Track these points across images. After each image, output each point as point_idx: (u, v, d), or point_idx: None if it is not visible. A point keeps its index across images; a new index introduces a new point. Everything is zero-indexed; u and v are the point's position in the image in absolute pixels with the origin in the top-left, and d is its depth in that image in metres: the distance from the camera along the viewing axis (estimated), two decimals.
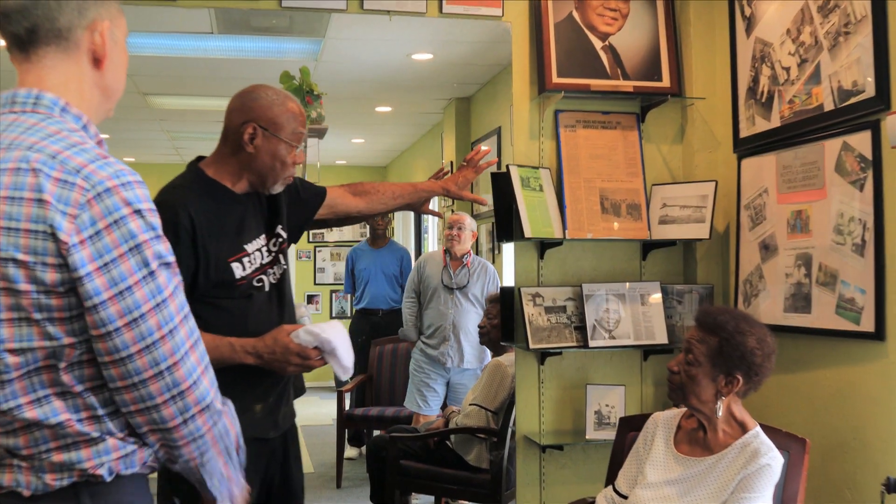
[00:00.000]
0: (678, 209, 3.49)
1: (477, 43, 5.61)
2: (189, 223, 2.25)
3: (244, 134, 2.36)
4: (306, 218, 2.71)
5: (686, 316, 3.50)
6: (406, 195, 2.89)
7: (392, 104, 7.46)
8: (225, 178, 2.41)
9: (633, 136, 3.55)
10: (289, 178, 2.45)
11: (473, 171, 2.98)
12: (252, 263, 2.40)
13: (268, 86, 2.43)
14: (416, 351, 5.58)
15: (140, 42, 5.54)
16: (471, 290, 5.47)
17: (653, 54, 3.53)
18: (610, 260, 3.56)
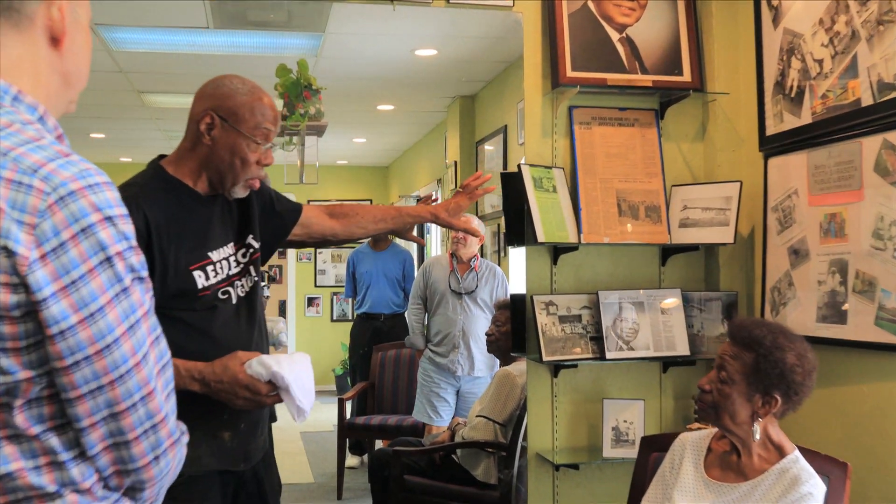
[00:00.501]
0: (700, 211, 3.28)
1: (483, 38, 5.40)
2: (143, 224, 2.02)
3: (201, 123, 2.14)
4: (280, 233, 2.49)
5: (709, 325, 3.29)
6: (389, 220, 2.66)
7: (394, 102, 7.25)
8: (186, 176, 2.18)
9: (651, 134, 3.34)
10: (253, 182, 2.22)
11: (467, 198, 2.73)
12: (217, 273, 2.18)
13: (238, 76, 2.21)
14: (423, 359, 5.37)
15: (134, 38, 5.35)
16: (479, 295, 5.26)
17: (673, 47, 3.32)
18: (627, 265, 3.35)
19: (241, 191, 2.23)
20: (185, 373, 2.03)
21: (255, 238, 2.35)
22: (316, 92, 3.52)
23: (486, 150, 6.63)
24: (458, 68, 6.11)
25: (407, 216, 2.70)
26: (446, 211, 2.68)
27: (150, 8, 4.75)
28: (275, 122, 2.21)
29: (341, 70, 6.03)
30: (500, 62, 5.95)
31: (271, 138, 2.21)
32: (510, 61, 5.89)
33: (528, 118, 3.26)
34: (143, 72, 6.17)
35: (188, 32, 5.21)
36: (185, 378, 2.02)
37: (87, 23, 1.32)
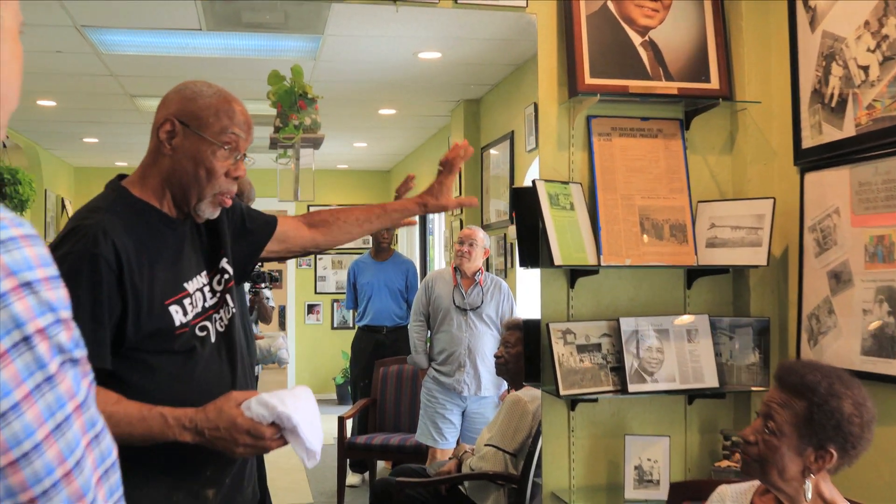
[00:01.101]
0: (729, 230, 3.02)
1: (489, 40, 5.14)
2: (113, 255, 1.76)
3: (161, 131, 1.89)
4: (253, 252, 2.22)
5: (738, 353, 3.03)
6: (374, 219, 2.37)
7: (396, 106, 6.99)
8: (151, 197, 1.92)
9: (676, 146, 3.08)
10: (223, 199, 1.94)
11: (450, 175, 2.45)
12: (194, 306, 1.92)
13: (204, 81, 1.95)
14: (427, 379, 5.10)
15: (123, 40, 5.10)
16: (485, 311, 4.99)
17: (699, 51, 3.06)
18: (650, 289, 3.09)
19: (210, 209, 1.94)
20: (174, 422, 1.77)
21: (229, 261, 2.09)
22: (312, 101, 3.24)
23: (491, 156, 6.37)
24: (462, 72, 5.86)
25: (394, 212, 2.42)
26: (432, 195, 2.42)
27: (139, 9, 4.50)
28: (246, 129, 1.93)
29: (341, 73, 5.77)
30: (506, 65, 5.69)
31: (242, 147, 1.93)
32: (517, 64, 5.64)
33: (543, 129, 2.99)
34: (134, 76, 5.91)
35: (180, 34, 4.95)
36: (174, 428, 1.76)
37: (16, 29, 1.05)
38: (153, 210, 1.92)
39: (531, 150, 5.46)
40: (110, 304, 1.76)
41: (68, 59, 5.43)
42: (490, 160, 6.43)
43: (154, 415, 1.74)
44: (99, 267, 1.74)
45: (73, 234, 1.79)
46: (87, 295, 1.74)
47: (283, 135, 3.09)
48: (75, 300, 1.74)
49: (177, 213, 1.96)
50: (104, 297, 1.75)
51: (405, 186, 2.59)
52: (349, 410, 5.81)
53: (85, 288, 1.73)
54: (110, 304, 1.76)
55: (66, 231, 1.82)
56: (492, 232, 6.13)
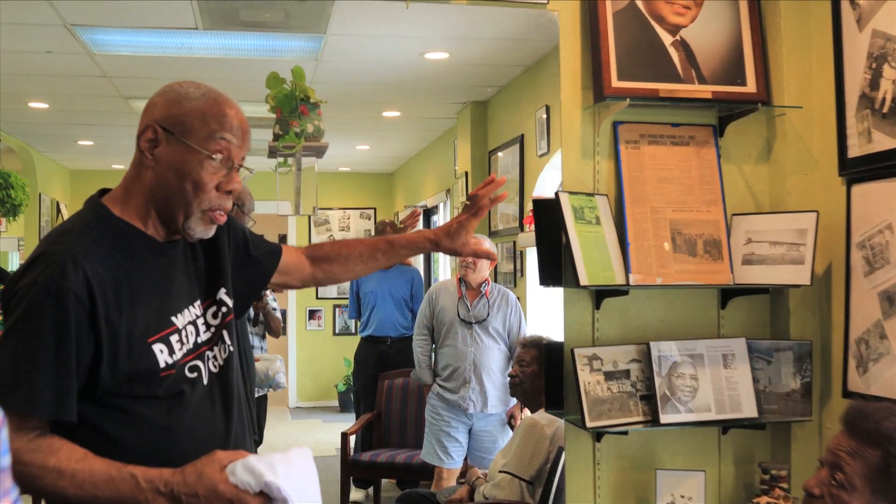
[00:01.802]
0: (768, 246, 2.78)
1: (499, 40, 4.91)
2: (84, 288, 1.53)
3: (142, 140, 1.66)
4: (257, 283, 2.00)
5: (777, 380, 2.80)
6: (380, 256, 2.13)
7: (401, 108, 6.76)
8: (134, 216, 1.69)
9: (709, 154, 2.84)
10: (215, 215, 1.69)
11: (475, 218, 2.10)
12: (183, 343, 1.69)
13: (193, 81, 1.71)
14: (431, 395, 4.85)
15: (116, 39, 4.86)
16: (491, 324, 4.75)
17: (734, 52, 2.82)
18: (681, 309, 2.85)
19: (201, 227, 1.70)
20: (147, 484, 1.53)
21: (229, 292, 1.84)
22: (314, 106, 2.99)
23: (499, 160, 6.14)
24: (470, 72, 5.63)
25: (401, 249, 2.15)
26: (447, 235, 2.11)
27: (131, 8, 4.27)
28: (240, 135, 1.69)
29: (343, 74, 5.54)
30: (516, 66, 5.47)
31: (236, 155, 1.68)
32: (527, 65, 5.41)
33: (566, 136, 2.76)
34: (128, 77, 5.68)
35: (175, 34, 4.72)
36: (146, 492, 1.52)
37: None
38: (136, 232, 1.68)
39: (542, 154, 5.23)
40: (80, 344, 1.52)
41: (59, 60, 5.20)
42: (498, 164, 6.19)
43: (124, 476, 1.50)
44: (66, 302, 1.51)
45: (39, 261, 1.56)
46: (51, 334, 1.50)
47: (284, 143, 2.85)
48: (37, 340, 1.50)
49: (165, 234, 1.72)
50: (71, 336, 1.51)
51: (412, 220, 2.36)
52: (353, 426, 5.57)
53: (49, 326, 1.50)
54: (80, 344, 1.52)
55: (33, 257, 1.58)
56: (499, 239, 5.90)
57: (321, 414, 10.08)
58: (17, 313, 1.52)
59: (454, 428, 4.74)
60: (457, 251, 2.10)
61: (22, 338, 1.51)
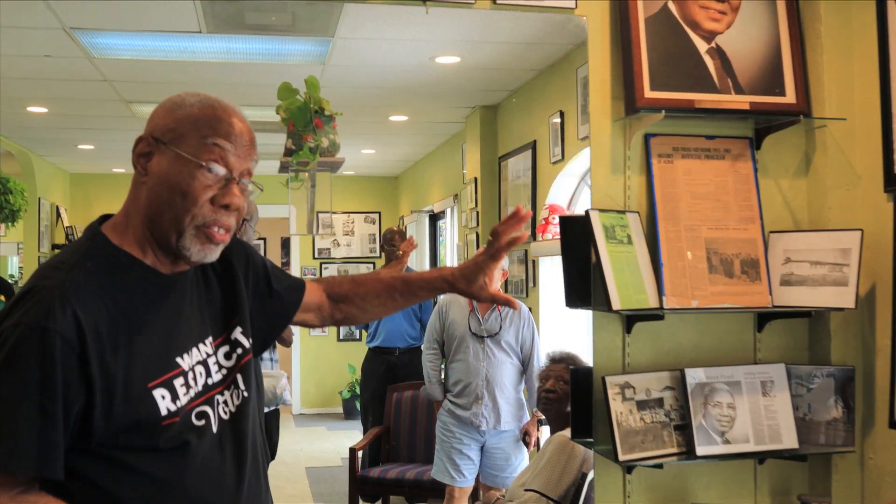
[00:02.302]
0: (808, 266, 2.62)
1: (512, 43, 4.75)
2: (73, 329, 1.37)
3: (135, 154, 1.52)
4: (279, 320, 1.83)
5: (818, 408, 2.63)
6: (398, 297, 1.96)
7: (409, 113, 6.60)
8: (134, 245, 1.52)
9: (745, 168, 2.68)
10: (211, 232, 1.51)
11: (492, 261, 1.87)
12: (190, 387, 1.52)
13: (194, 92, 1.56)
14: (442, 412, 4.69)
15: (117, 43, 4.71)
16: (504, 338, 4.59)
17: (772, 59, 2.66)
18: (715, 332, 2.69)
19: (196, 246, 1.51)
20: None
21: (246, 332, 1.67)
22: (329, 119, 2.81)
23: (510, 166, 5.97)
24: (480, 76, 5.47)
25: (419, 290, 1.97)
26: (467, 279, 1.90)
27: (132, 10, 4.11)
28: (240, 142, 1.52)
29: (350, 78, 5.38)
30: (528, 70, 5.31)
31: (235, 165, 1.51)
32: (539, 69, 5.25)
33: (595, 150, 2.59)
34: (129, 80, 5.52)
35: (178, 37, 4.56)
36: None
37: None
38: (135, 263, 1.51)
39: (556, 161, 5.07)
40: (68, 392, 1.35)
41: (59, 64, 5.04)
42: (509, 171, 6.03)
43: None
44: (52, 346, 1.34)
45: (26, 299, 1.39)
46: (35, 382, 1.34)
47: (298, 159, 2.67)
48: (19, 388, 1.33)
49: (170, 263, 1.55)
50: (58, 384, 1.34)
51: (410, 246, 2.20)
52: (361, 441, 5.41)
53: (33, 373, 1.34)
54: (68, 392, 1.35)
55: (20, 294, 1.42)
56: None
57: (325, 421, 9.93)
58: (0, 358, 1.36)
59: (466, 445, 4.59)
60: (474, 295, 1.91)
61: (3, 386, 1.34)
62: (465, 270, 1.89)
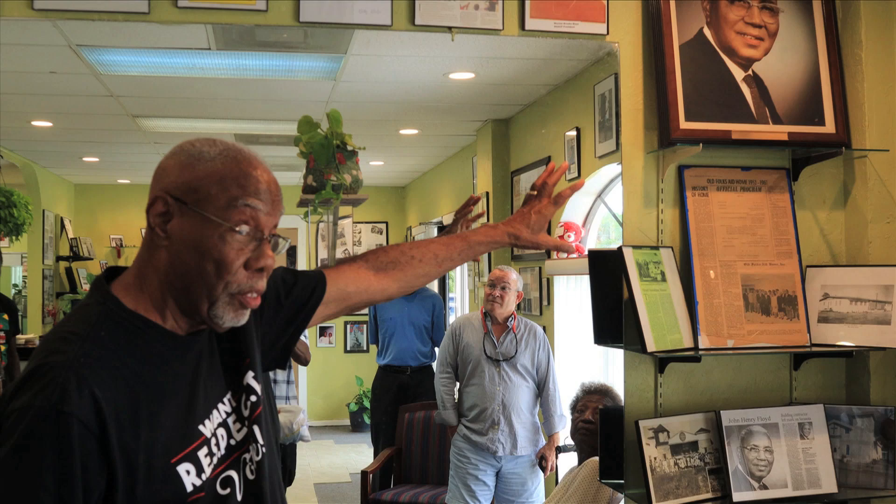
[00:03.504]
0: (848, 303, 2.51)
1: (528, 60, 4.64)
2: (92, 411, 1.25)
3: (151, 215, 1.38)
4: (296, 331, 1.68)
5: (857, 449, 2.53)
6: (456, 256, 1.84)
7: (419, 127, 6.50)
8: (150, 308, 1.40)
9: (782, 201, 2.57)
10: (246, 299, 1.40)
11: (552, 203, 1.88)
12: (214, 454, 1.40)
13: (209, 138, 1.42)
14: (457, 437, 4.57)
15: (123, 60, 4.61)
16: (519, 361, 4.47)
17: (811, 87, 2.56)
18: (750, 371, 2.59)
19: (230, 314, 1.40)
20: None
21: (256, 374, 1.54)
22: (352, 153, 2.69)
23: (522, 181, 5.87)
24: (494, 91, 5.37)
25: (478, 245, 1.86)
26: (528, 226, 1.86)
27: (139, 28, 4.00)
28: (268, 198, 1.40)
29: (361, 94, 5.28)
30: (542, 85, 5.20)
31: (266, 224, 1.39)
32: (555, 84, 5.14)
33: (627, 182, 2.49)
34: (136, 96, 5.43)
35: (186, 54, 4.46)
36: None
37: None
38: (153, 328, 1.38)
39: (572, 178, 4.96)
40: (88, 479, 1.24)
41: (64, 80, 4.94)
42: (521, 185, 5.93)
43: None
44: (69, 431, 1.22)
45: (36, 378, 1.27)
46: (50, 471, 1.22)
47: (321, 199, 2.54)
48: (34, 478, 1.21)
49: (188, 325, 1.44)
50: (76, 472, 1.23)
51: (468, 210, 2.10)
52: (373, 464, 5.30)
53: (48, 461, 1.22)
54: (88, 479, 1.24)
55: (29, 371, 1.29)
56: (524, 264, 5.63)
57: (333, 434, 9.82)
58: (10, 443, 1.23)
59: (482, 471, 4.48)
60: (538, 244, 1.87)
61: (15, 475, 1.22)
62: (525, 219, 1.87)
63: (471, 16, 2.39)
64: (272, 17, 2.31)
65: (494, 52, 4.48)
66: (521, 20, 2.42)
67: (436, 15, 2.38)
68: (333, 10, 2.32)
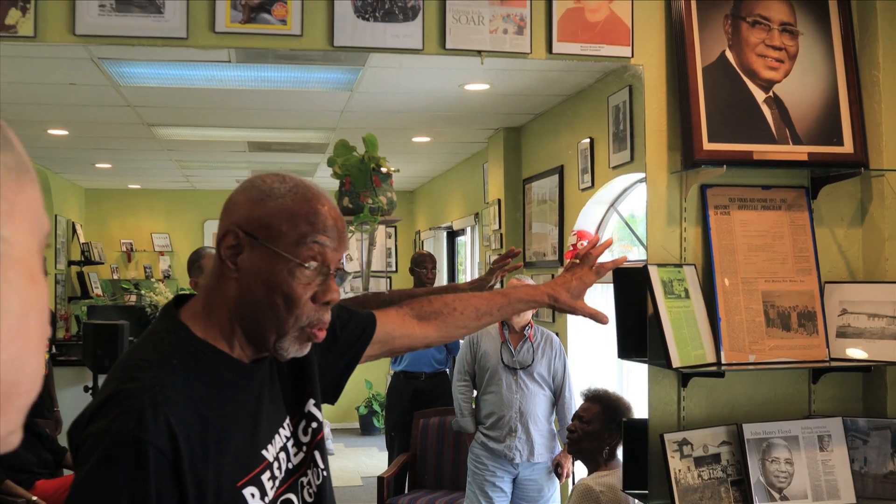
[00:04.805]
0: (866, 319, 2.58)
1: (543, 71, 4.70)
2: (166, 438, 1.31)
3: (222, 247, 1.44)
4: (347, 366, 1.74)
5: (874, 460, 2.59)
6: (496, 311, 1.92)
7: (432, 135, 6.57)
8: (218, 337, 1.46)
9: (802, 219, 2.64)
10: (313, 332, 1.46)
11: (592, 273, 1.97)
12: (275, 477, 1.47)
13: (279, 174, 1.48)
14: (475, 444, 4.64)
15: (146, 72, 4.69)
16: (536, 370, 4.54)
17: (829, 108, 2.62)
18: (770, 385, 2.65)
19: (296, 347, 1.46)
20: None
21: (318, 402, 1.62)
22: (387, 176, 2.76)
23: (534, 189, 5.94)
24: (507, 101, 5.44)
25: (518, 302, 1.96)
26: (568, 291, 1.94)
27: None
28: (335, 235, 1.46)
29: (377, 104, 5.36)
30: (555, 95, 5.26)
31: (332, 260, 1.45)
32: (568, 94, 5.21)
33: (651, 202, 2.56)
34: (153, 106, 5.50)
35: (206, 67, 4.53)
36: None
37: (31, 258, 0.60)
38: (221, 356, 1.45)
39: (586, 188, 5.03)
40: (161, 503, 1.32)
41: (83, 91, 5.01)
42: (533, 193, 6.00)
43: None
44: (146, 457, 1.29)
45: (113, 403, 1.33)
46: (127, 493, 1.28)
47: (359, 221, 2.61)
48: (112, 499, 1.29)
49: (252, 353, 1.51)
50: (151, 495, 1.29)
51: (506, 262, 2.18)
52: (389, 469, 5.37)
53: (125, 484, 1.28)
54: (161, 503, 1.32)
55: (105, 396, 1.35)
56: (536, 271, 5.70)
57: (343, 437, 9.88)
58: (89, 465, 1.29)
59: (499, 478, 4.54)
60: (576, 309, 1.95)
61: (93, 496, 1.29)
62: (567, 285, 1.95)
63: (500, 39, 2.45)
64: (307, 42, 2.38)
65: (512, 65, 4.53)
66: (549, 43, 2.48)
67: (466, 39, 2.44)
68: (366, 34, 2.39)
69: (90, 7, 2.32)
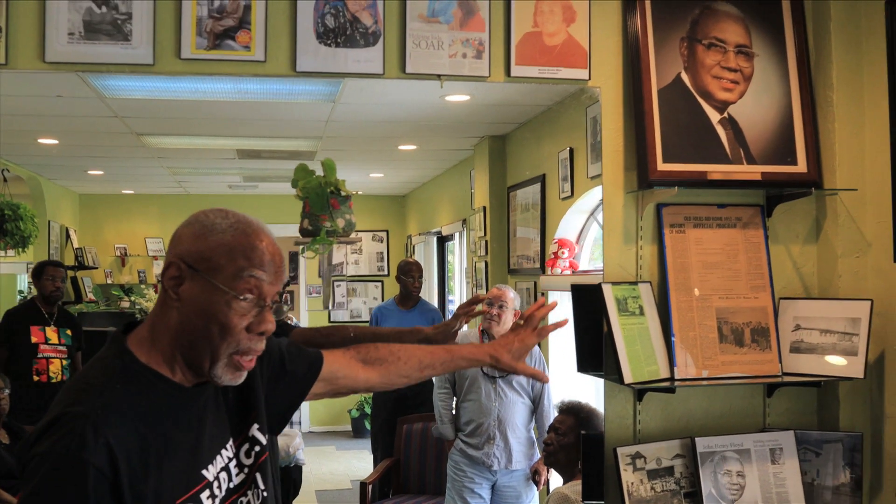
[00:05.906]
0: (818, 334, 2.64)
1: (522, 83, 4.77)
2: (106, 459, 1.38)
3: (166, 278, 1.53)
4: (293, 400, 1.82)
5: (827, 474, 2.66)
6: (438, 365, 2.02)
7: (417, 143, 6.63)
8: (160, 362, 1.54)
9: (756, 237, 2.70)
10: (241, 360, 1.54)
11: (535, 335, 2.07)
12: (215, 496, 1.55)
13: (223, 209, 1.58)
14: (454, 451, 4.71)
15: (130, 85, 4.74)
16: (515, 378, 4.60)
17: (784, 129, 2.69)
18: (725, 399, 2.72)
19: (228, 374, 1.55)
20: None
21: (262, 427, 1.70)
22: (345, 199, 2.82)
23: (518, 197, 6.00)
24: (489, 111, 5.50)
25: (461, 359, 2.06)
26: (510, 352, 2.04)
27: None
28: (272, 269, 1.54)
29: (360, 115, 5.41)
30: (537, 106, 5.33)
31: (269, 293, 1.54)
32: (547, 105, 5.27)
33: (608, 220, 2.62)
34: (139, 116, 5.57)
35: (189, 79, 4.58)
36: None
37: None
38: (163, 381, 1.53)
39: (566, 197, 5.09)
40: None
41: (70, 102, 5.08)
42: (517, 201, 6.06)
43: None
44: (85, 477, 1.36)
45: (57, 426, 1.41)
46: None
47: (316, 245, 2.68)
48: None
49: (194, 378, 1.58)
50: None
51: (471, 309, 2.26)
52: (371, 475, 5.44)
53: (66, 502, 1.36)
54: None
55: (50, 420, 1.43)
56: (519, 279, 5.76)
57: (334, 440, 9.95)
58: (31, 486, 1.37)
59: (477, 484, 4.61)
60: (516, 370, 2.04)
61: None
62: (508, 346, 2.04)
63: (459, 63, 2.52)
64: (270, 68, 2.44)
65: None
66: (507, 67, 2.55)
67: (425, 63, 2.51)
68: (328, 59, 2.46)
69: (59, 35, 2.40)
